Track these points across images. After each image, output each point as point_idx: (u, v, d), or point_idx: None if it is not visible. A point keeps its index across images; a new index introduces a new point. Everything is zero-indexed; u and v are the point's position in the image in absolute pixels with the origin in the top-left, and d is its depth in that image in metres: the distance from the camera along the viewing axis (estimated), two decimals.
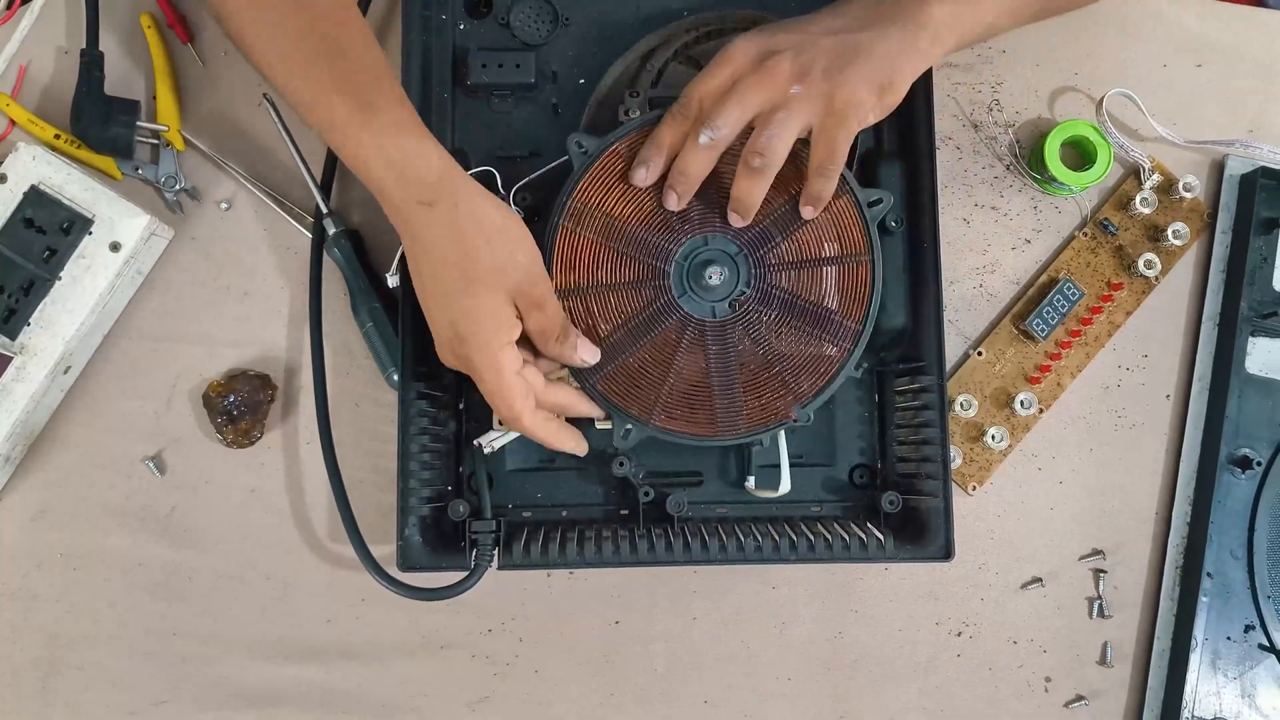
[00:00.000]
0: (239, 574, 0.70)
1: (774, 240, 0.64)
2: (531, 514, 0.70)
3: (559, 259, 0.64)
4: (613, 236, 0.64)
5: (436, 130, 0.69)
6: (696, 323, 0.65)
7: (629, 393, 0.65)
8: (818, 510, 0.70)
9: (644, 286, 0.64)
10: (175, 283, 0.71)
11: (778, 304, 0.65)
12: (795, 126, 0.60)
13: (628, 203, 0.64)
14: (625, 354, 0.64)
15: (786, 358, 0.65)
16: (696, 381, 0.65)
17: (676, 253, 0.64)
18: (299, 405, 0.71)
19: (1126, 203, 0.74)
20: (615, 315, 0.64)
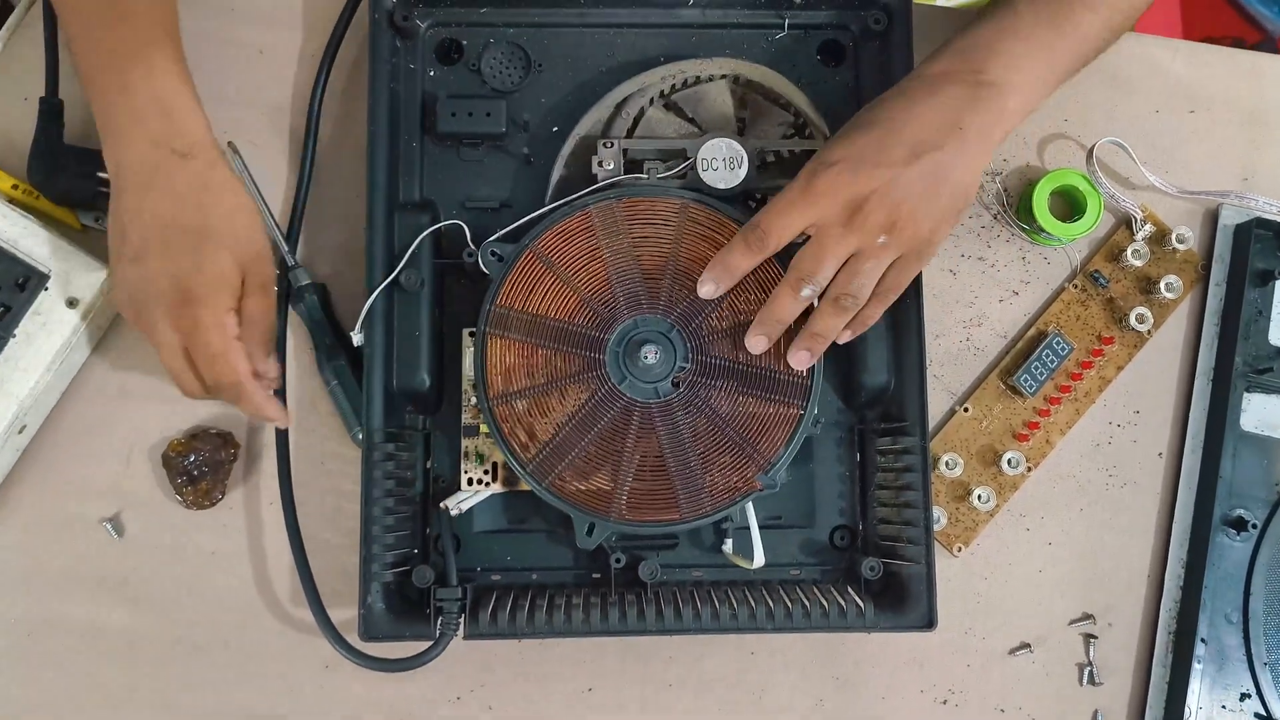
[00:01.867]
0: (198, 640, 0.68)
1: (705, 310, 0.63)
2: (500, 577, 0.67)
3: (491, 367, 0.63)
4: (542, 336, 0.63)
5: (404, 179, 0.68)
6: (641, 406, 0.63)
7: (585, 489, 0.63)
8: (797, 573, 0.68)
9: (582, 379, 0.63)
10: (135, 338, 0.69)
11: (719, 373, 0.63)
12: (882, 269, 0.59)
13: (552, 300, 0.63)
14: (574, 450, 0.63)
15: (739, 425, 0.63)
16: (653, 466, 0.63)
17: (609, 340, 0.63)
18: (262, 464, 0.69)
19: (1118, 254, 0.72)
20: (558, 412, 0.63)
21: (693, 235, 0.63)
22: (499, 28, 0.70)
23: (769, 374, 0.63)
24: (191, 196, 0.59)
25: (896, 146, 0.57)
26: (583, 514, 0.63)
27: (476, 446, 0.66)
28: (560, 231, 0.64)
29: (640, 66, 0.69)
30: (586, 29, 0.70)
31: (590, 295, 0.63)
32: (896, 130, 0.58)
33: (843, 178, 0.57)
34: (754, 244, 0.60)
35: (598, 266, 0.63)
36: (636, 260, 0.63)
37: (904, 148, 0.57)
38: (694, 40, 0.70)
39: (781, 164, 0.68)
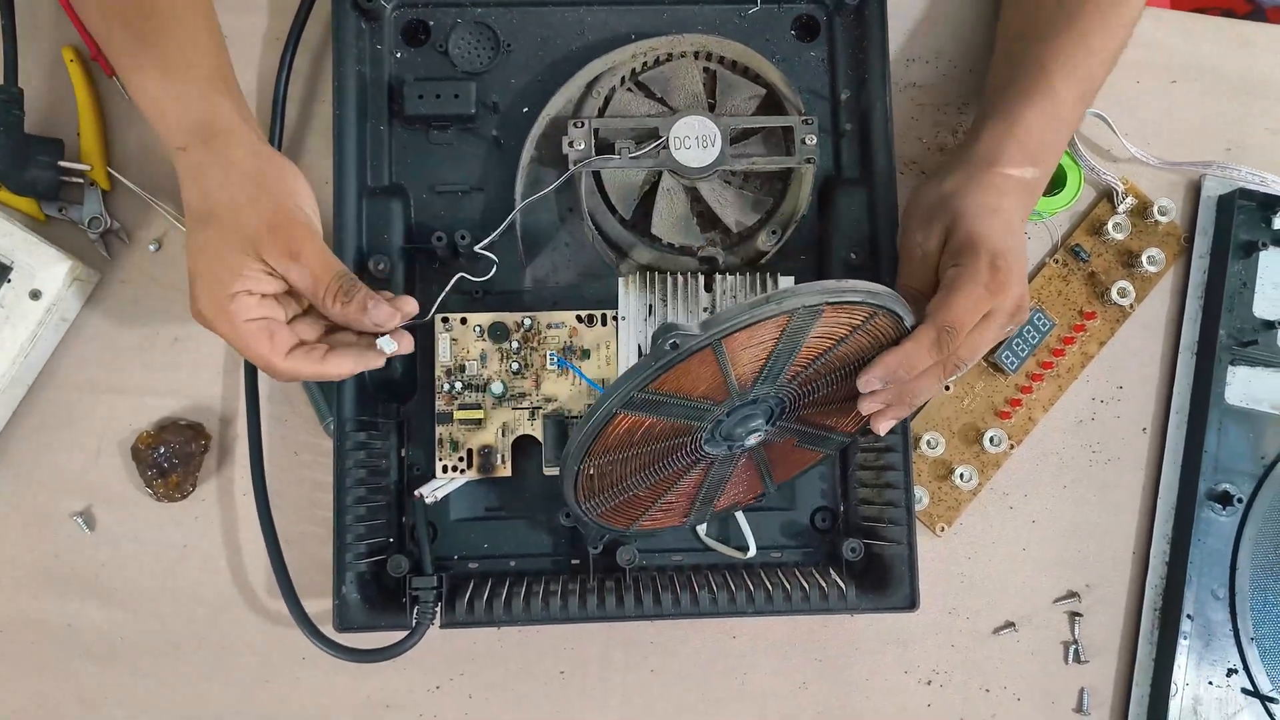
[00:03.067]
0: (172, 635, 0.67)
1: (818, 390, 0.58)
2: (477, 565, 0.67)
3: (604, 438, 0.55)
4: (666, 413, 0.55)
5: (372, 163, 0.67)
6: (709, 457, 0.60)
7: (618, 513, 0.62)
8: (778, 556, 0.67)
9: (678, 447, 0.58)
10: (102, 329, 0.68)
11: (790, 433, 0.62)
12: None
13: (694, 381, 0.54)
14: (630, 491, 0.60)
15: (773, 463, 0.63)
16: (686, 495, 0.62)
17: (719, 412, 0.57)
18: (234, 456, 0.68)
19: (1099, 228, 0.71)
20: (637, 467, 0.58)
21: (863, 337, 0.56)
22: (466, 7, 0.69)
23: (824, 433, 0.62)
24: (194, 186, 0.57)
25: (1020, 239, 0.59)
26: (606, 529, 0.62)
27: (451, 434, 0.65)
28: (752, 333, 0.52)
29: (611, 45, 0.68)
30: (555, 7, 0.69)
31: (740, 380, 0.55)
32: (1015, 226, 0.59)
33: (1018, 268, 0.58)
34: (945, 343, 0.56)
35: (761, 356, 0.54)
36: (798, 352, 0.55)
37: (1021, 240, 0.59)
38: (665, 17, 0.69)
39: (755, 139, 0.67)
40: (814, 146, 0.65)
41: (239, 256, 0.56)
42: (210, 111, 0.58)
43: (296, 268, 0.56)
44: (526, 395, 0.65)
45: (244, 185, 0.57)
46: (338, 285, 0.57)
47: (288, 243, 0.56)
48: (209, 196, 0.57)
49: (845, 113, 0.69)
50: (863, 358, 0.58)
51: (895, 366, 0.56)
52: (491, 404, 0.65)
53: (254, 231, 0.56)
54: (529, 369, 0.65)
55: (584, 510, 0.60)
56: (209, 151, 0.57)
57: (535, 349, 0.65)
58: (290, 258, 0.56)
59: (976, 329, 0.57)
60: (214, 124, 0.58)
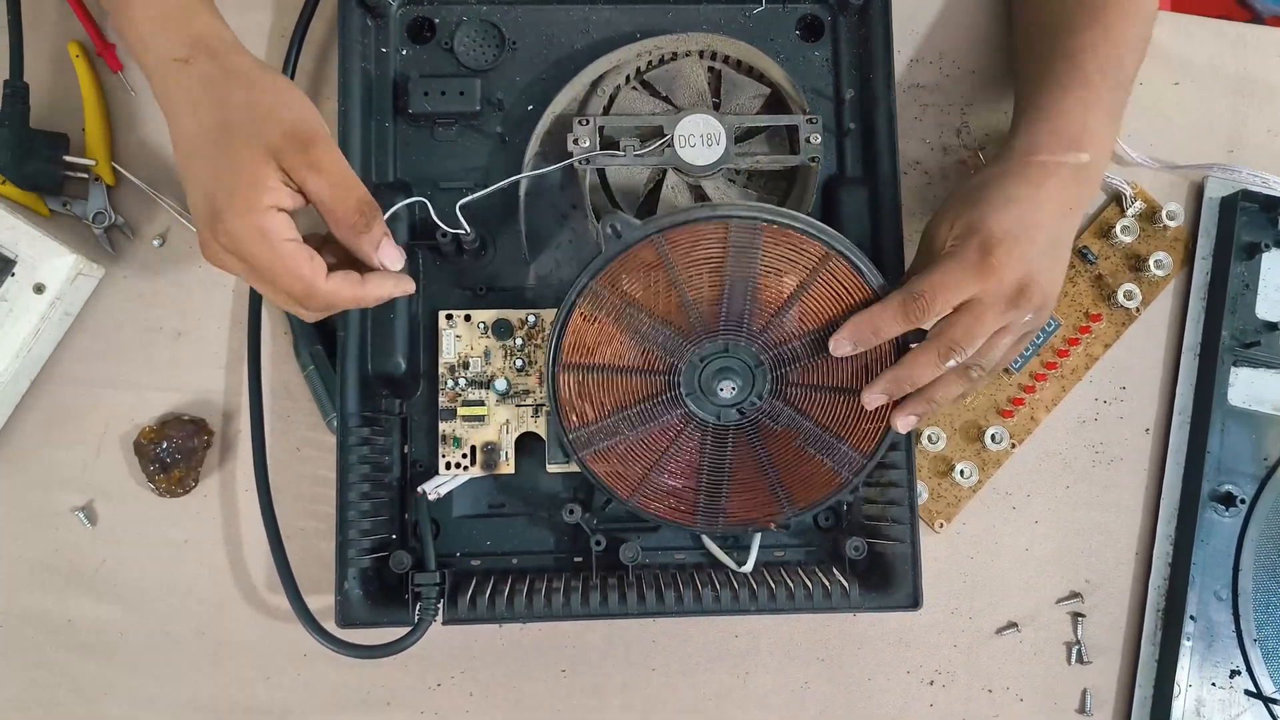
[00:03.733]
0: (172, 630, 0.67)
1: (799, 361, 0.61)
2: (480, 562, 0.66)
3: (571, 337, 0.60)
4: (630, 325, 0.60)
5: (377, 160, 0.67)
6: (699, 422, 0.62)
7: (616, 471, 0.62)
8: (781, 555, 0.67)
9: (653, 378, 0.61)
10: (105, 324, 0.68)
11: (785, 420, 0.62)
12: (1022, 344, 0.60)
13: (655, 294, 0.60)
14: (619, 436, 0.62)
15: (781, 469, 0.63)
16: (684, 473, 0.63)
17: (693, 354, 0.61)
18: (236, 451, 0.68)
19: (1107, 230, 0.71)
20: (617, 397, 0.61)
21: (824, 287, 0.60)
22: (472, 5, 0.69)
23: (831, 439, 0.62)
24: (201, 100, 0.52)
25: (1039, 229, 0.57)
26: (606, 490, 0.62)
27: (454, 430, 0.65)
28: (692, 233, 0.59)
29: (616, 43, 0.68)
30: (561, 5, 0.69)
31: (696, 303, 0.60)
32: (1035, 215, 0.57)
33: (1015, 255, 0.56)
34: (913, 313, 0.57)
35: (715, 279, 0.60)
36: (755, 287, 0.60)
37: (1043, 230, 0.57)
38: (670, 16, 0.69)
39: (759, 138, 0.67)
40: (818, 145, 0.65)
41: (264, 167, 0.51)
42: (209, 26, 0.55)
43: (315, 179, 0.52)
44: (530, 392, 0.65)
45: (259, 93, 0.53)
46: (357, 205, 0.54)
47: (309, 151, 0.52)
48: (223, 107, 0.52)
49: (849, 112, 0.69)
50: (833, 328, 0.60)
51: (861, 326, 0.58)
52: (495, 401, 0.65)
53: (275, 140, 0.52)
54: (532, 366, 0.65)
55: (573, 446, 0.61)
56: (215, 62, 0.54)
57: (539, 346, 0.65)
58: (311, 167, 0.52)
59: (969, 315, 0.56)
60: (213, 37, 0.55)
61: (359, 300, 0.55)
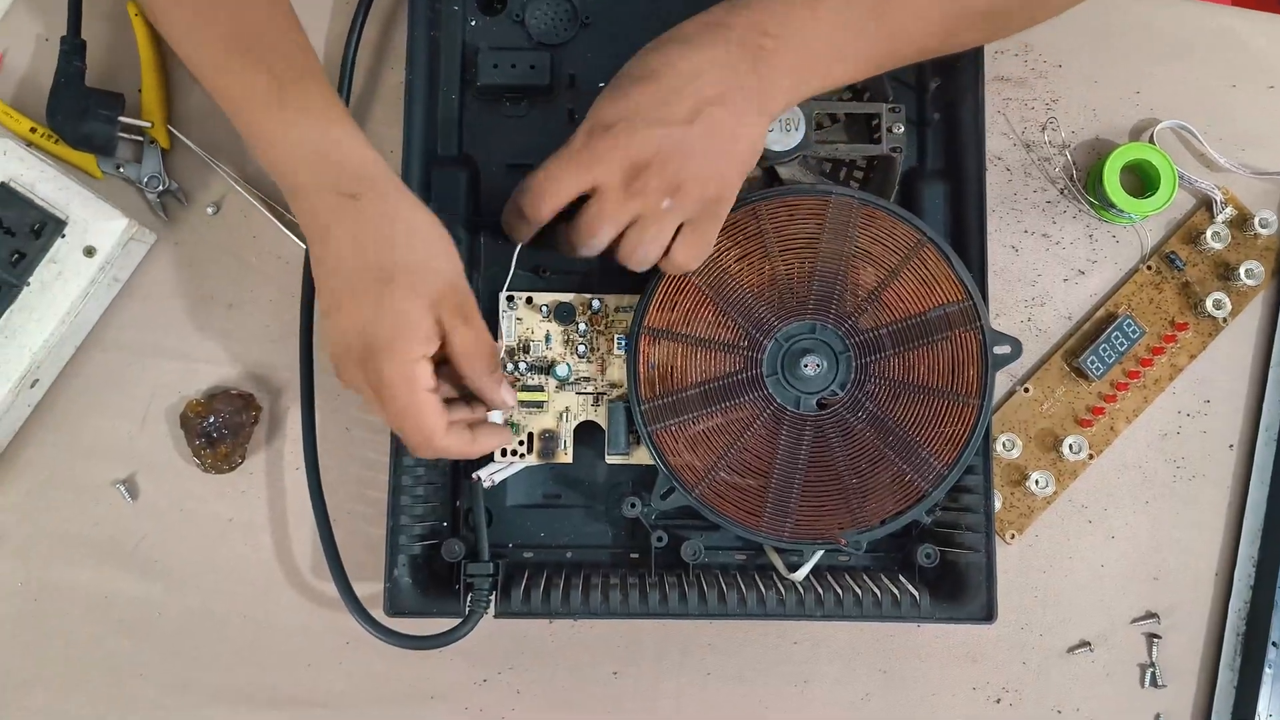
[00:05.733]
0: (212, 611, 0.65)
1: (885, 351, 0.60)
2: (533, 554, 0.64)
3: (659, 297, 0.60)
4: (721, 291, 0.60)
5: (442, 132, 0.65)
6: (776, 408, 0.60)
7: (684, 454, 0.60)
8: (846, 560, 0.64)
9: (735, 353, 0.60)
10: (155, 292, 0.66)
11: (866, 417, 0.60)
12: (669, 232, 0.55)
13: (749, 266, 0.60)
14: (693, 414, 0.60)
15: (857, 475, 0.60)
16: (756, 467, 0.60)
17: (779, 330, 0.60)
18: (284, 428, 0.66)
19: (1195, 236, 0.68)
20: (697, 372, 0.60)
21: (913, 275, 0.60)
22: None
23: (912, 443, 0.60)
24: (368, 239, 0.52)
25: (678, 103, 0.52)
26: (669, 475, 0.60)
27: (511, 416, 0.62)
28: (790, 205, 0.60)
29: None
30: None
31: (788, 278, 0.60)
32: (677, 84, 0.53)
33: (620, 139, 0.52)
34: (527, 205, 0.55)
35: (809, 255, 0.60)
36: (848, 268, 0.60)
37: (686, 105, 0.52)
38: None
39: (838, 126, 0.65)
40: (901, 135, 0.63)
41: (424, 318, 0.52)
42: (372, 161, 0.54)
43: (464, 331, 0.53)
44: (591, 380, 0.63)
45: (422, 240, 0.54)
46: (493, 352, 0.55)
47: (464, 305, 0.53)
48: (390, 249, 0.52)
49: (932, 102, 0.66)
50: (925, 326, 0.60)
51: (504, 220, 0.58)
52: (555, 387, 0.63)
53: (437, 291, 0.52)
54: (595, 353, 0.63)
55: (645, 418, 0.60)
56: (385, 203, 0.53)
57: (602, 332, 0.63)
58: (463, 319, 0.53)
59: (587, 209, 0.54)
60: (380, 175, 0.54)
61: (464, 455, 0.56)
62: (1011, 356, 0.61)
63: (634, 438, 0.62)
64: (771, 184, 0.63)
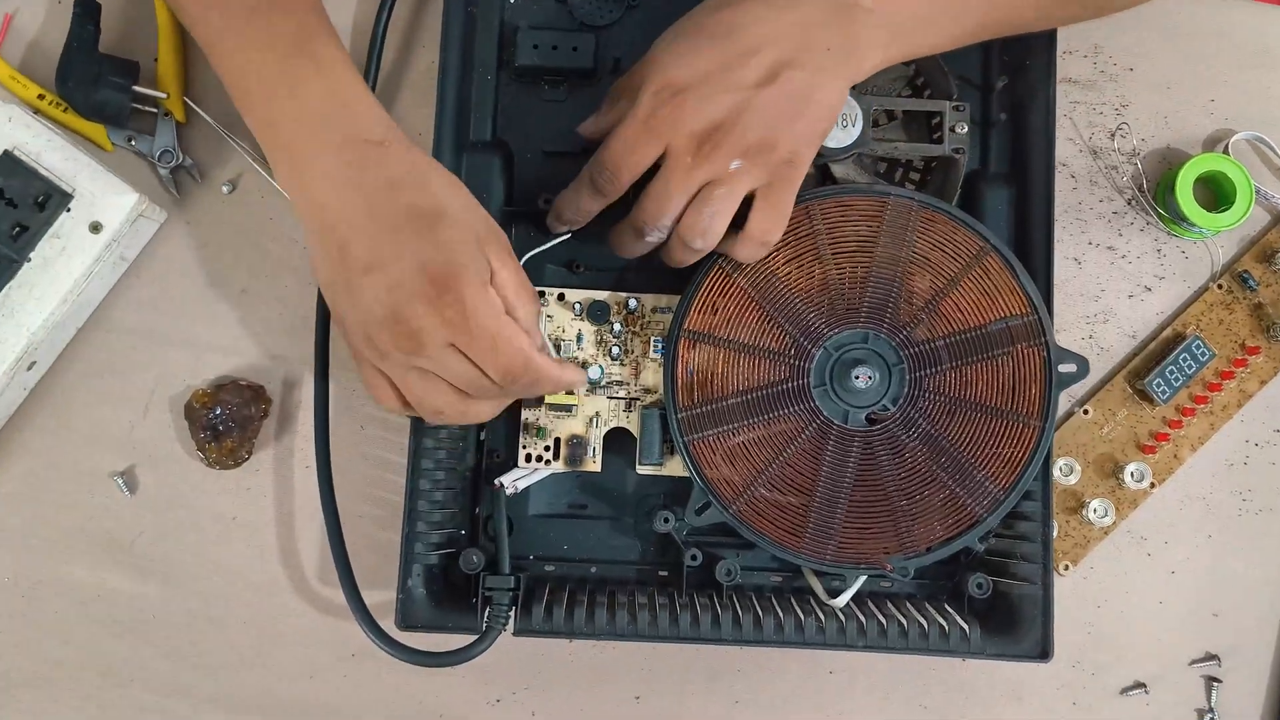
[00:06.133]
0: (212, 615, 0.61)
1: (941, 365, 0.57)
2: (555, 568, 0.60)
3: (702, 298, 0.56)
4: (768, 295, 0.56)
5: (475, 115, 0.62)
6: (823, 422, 0.57)
7: (722, 467, 0.56)
8: (888, 585, 0.60)
9: (781, 362, 0.57)
10: (164, 273, 0.62)
11: (919, 435, 0.57)
12: (738, 198, 0.52)
13: (796, 267, 0.56)
14: (732, 425, 0.56)
15: (906, 496, 0.56)
16: (799, 483, 0.57)
17: (829, 339, 0.56)
18: (295, 424, 0.62)
19: (1270, 255, 0.64)
20: (739, 380, 0.57)
21: (975, 284, 0.57)
22: None
23: (967, 465, 0.56)
24: (409, 180, 0.50)
25: (755, 65, 0.50)
26: (705, 489, 0.56)
27: (539, 419, 0.59)
28: (845, 205, 0.56)
29: None
30: None
31: (840, 282, 0.56)
32: (755, 45, 0.50)
33: (688, 106, 0.50)
34: (603, 186, 0.52)
35: (864, 260, 0.57)
36: (904, 274, 0.56)
37: (764, 67, 0.50)
38: None
39: (895, 124, 0.61)
40: (964, 135, 0.60)
41: (479, 252, 0.50)
42: (385, 116, 0.52)
43: (508, 272, 0.51)
44: (624, 384, 0.59)
45: (457, 185, 0.52)
46: (536, 302, 0.53)
47: (504, 246, 0.52)
48: (431, 192, 0.50)
49: (998, 101, 0.62)
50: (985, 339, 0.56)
51: (564, 206, 0.56)
52: (585, 390, 0.59)
53: (481, 233, 0.51)
54: (629, 355, 0.59)
55: (680, 428, 0.56)
56: (411, 150, 0.51)
57: (638, 334, 0.59)
58: (505, 261, 0.51)
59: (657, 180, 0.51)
60: (393, 129, 0.52)
61: (559, 380, 0.53)
62: (1077, 376, 0.57)
63: (668, 447, 0.58)
64: (824, 182, 0.60)
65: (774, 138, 0.50)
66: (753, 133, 0.50)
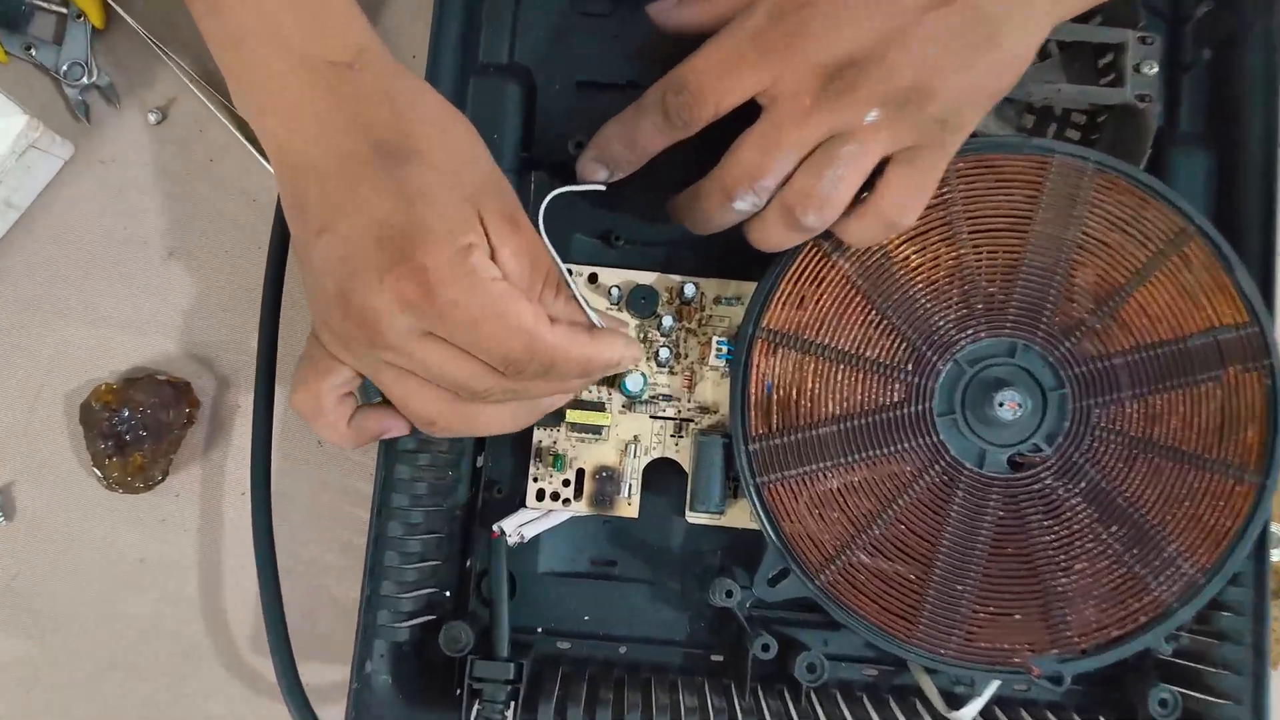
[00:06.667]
0: (109, 679, 0.48)
1: (1119, 392, 0.43)
2: (571, 646, 0.47)
3: (788, 285, 0.43)
4: (881, 285, 0.43)
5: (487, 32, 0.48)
6: (949, 464, 0.43)
7: (807, 520, 0.43)
8: (1024, 689, 0.46)
9: (894, 378, 0.43)
10: (66, 227, 0.50)
11: (1085, 488, 0.43)
12: (871, 164, 0.40)
13: (919, 249, 0.43)
14: (825, 463, 0.43)
15: (1064, 572, 0.43)
16: (913, 548, 0.43)
17: (962, 349, 0.43)
18: (231, 436, 0.49)
19: None
20: (835, 401, 0.43)
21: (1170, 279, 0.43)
22: None
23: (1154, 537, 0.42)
24: (372, 115, 0.39)
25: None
26: (783, 550, 0.42)
27: (555, 443, 0.44)
28: (987, 166, 0.43)
29: None
30: None
31: (981, 273, 0.43)
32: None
33: (817, 25, 0.38)
34: (678, 114, 0.40)
35: (1014, 242, 0.43)
36: (1071, 261, 0.43)
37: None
38: None
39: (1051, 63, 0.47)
40: (1154, 78, 0.46)
41: (464, 206, 0.39)
42: (363, 25, 0.41)
43: (513, 240, 0.39)
44: (674, 400, 0.46)
45: (455, 118, 0.41)
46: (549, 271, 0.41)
47: (507, 206, 0.40)
48: (407, 128, 0.39)
49: (1195, 38, 0.48)
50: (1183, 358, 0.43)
51: (611, 135, 0.42)
52: (620, 405, 0.45)
53: (474, 186, 0.39)
54: (682, 360, 0.46)
55: (750, 464, 0.43)
56: (388, 75, 0.40)
57: (694, 332, 0.46)
58: (511, 225, 0.39)
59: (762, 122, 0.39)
60: (370, 42, 0.41)
61: (588, 362, 0.40)
62: None
63: (732, 489, 0.45)
64: None
65: (932, 85, 0.38)
66: (903, 74, 0.38)
